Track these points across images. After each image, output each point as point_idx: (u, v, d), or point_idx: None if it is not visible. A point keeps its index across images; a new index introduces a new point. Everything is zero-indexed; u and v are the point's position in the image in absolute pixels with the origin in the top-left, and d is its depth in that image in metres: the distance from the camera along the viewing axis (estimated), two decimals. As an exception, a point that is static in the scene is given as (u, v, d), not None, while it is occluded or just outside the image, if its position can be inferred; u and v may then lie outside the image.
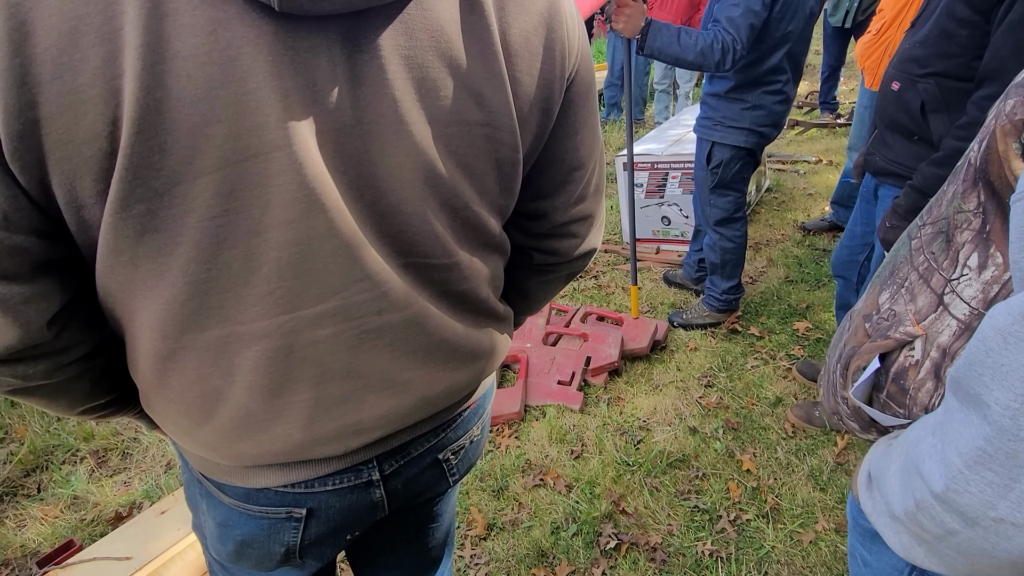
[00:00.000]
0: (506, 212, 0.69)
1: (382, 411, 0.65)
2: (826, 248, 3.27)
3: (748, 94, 2.18)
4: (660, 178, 3.21)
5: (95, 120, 0.44)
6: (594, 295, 3.02)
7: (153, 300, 0.53)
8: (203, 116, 0.45)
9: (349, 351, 0.60)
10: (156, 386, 0.59)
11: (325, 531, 0.73)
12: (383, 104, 0.52)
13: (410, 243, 0.60)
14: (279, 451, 0.63)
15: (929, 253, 0.56)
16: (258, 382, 0.57)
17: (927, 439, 0.46)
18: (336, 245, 0.54)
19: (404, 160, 0.55)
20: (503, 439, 2.10)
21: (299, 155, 0.49)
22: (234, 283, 0.52)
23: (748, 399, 2.22)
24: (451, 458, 0.80)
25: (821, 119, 5.26)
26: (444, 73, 0.54)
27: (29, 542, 1.89)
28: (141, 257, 0.50)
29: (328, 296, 0.56)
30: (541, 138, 0.65)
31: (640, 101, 5.88)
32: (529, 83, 0.60)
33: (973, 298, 0.50)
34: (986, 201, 0.49)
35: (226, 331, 0.54)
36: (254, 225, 0.50)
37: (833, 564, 1.60)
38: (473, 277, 0.67)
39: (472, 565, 1.67)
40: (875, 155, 1.66)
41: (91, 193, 0.47)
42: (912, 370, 0.55)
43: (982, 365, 0.39)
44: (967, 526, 0.42)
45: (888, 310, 0.59)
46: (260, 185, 0.49)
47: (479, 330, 0.72)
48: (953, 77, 1.40)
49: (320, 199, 0.51)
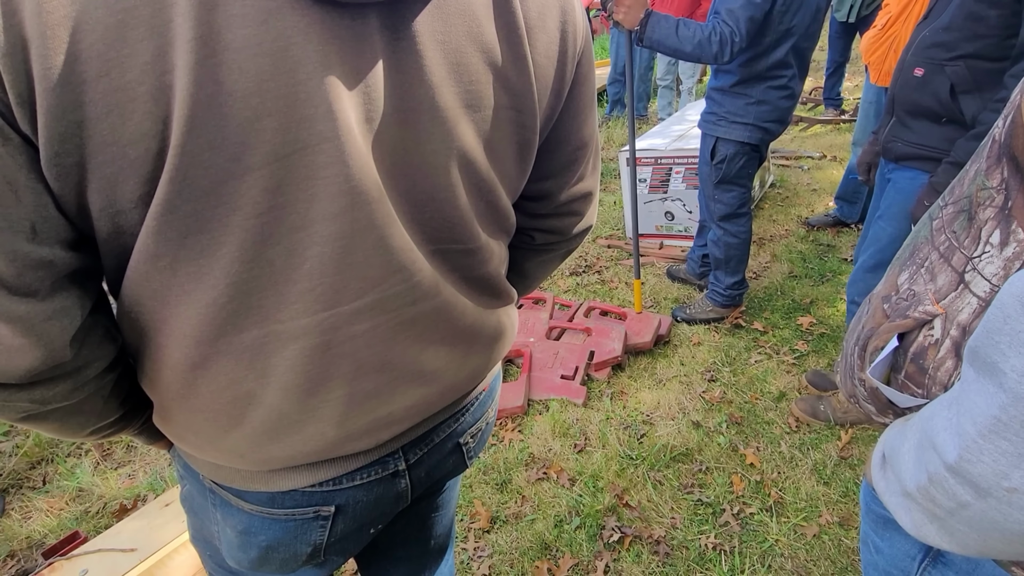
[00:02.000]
0: (518, 192, 0.69)
1: (412, 401, 0.65)
2: (830, 243, 3.26)
3: (752, 89, 2.16)
4: (664, 173, 3.20)
5: (143, 119, 0.41)
6: (597, 290, 3.02)
7: (189, 305, 0.51)
8: (254, 110, 0.43)
9: (384, 344, 0.59)
10: (182, 396, 0.57)
11: (352, 526, 0.72)
12: (420, 91, 0.51)
13: (440, 230, 0.59)
14: (311, 451, 0.62)
15: (950, 232, 0.55)
16: (293, 382, 0.56)
17: (942, 413, 0.45)
18: (377, 237, 0.53)
19: (439, 147, 0.54)
20: (506, 433, 2.10)
21: (346, 146, 0.48)
22: (275, 281, 0.51)
23: (752, 394, 2.22)
24: (470, 441, 0.81)
25: (825, 115, 5.25)
26: (476, 57, 0.54)
27: (35, 534, 1.89)
28: (182, 260, 0.48)
29: (368, 290, 0.55)
30: (551, 119, 0.66)
31: (643, 97, 5.87)
32: (547, 64, 0.60)
33: (994, 275, 0.49)
34: (1009, 177, 0.49)
35: (264, 331, 0.53)
36: (299, 220, 0.49)
37: (837, 557, 1.59)
38: (491, 260, 0.68)
39: (476, 557, 1.67)
40: (895, 142, 1.66)
41: (132, 197, 0.45)
42: (932, 349, 0.55)
43: (1000, 332, 0.39)
44: (979, 498, 0.41)
45: (907, 290, 0.58)
46: (307, 179, 0.47)
47: (495, 312, 0.72)
48: (984, 58, 1.42)
49: (365, 191, 0.50)
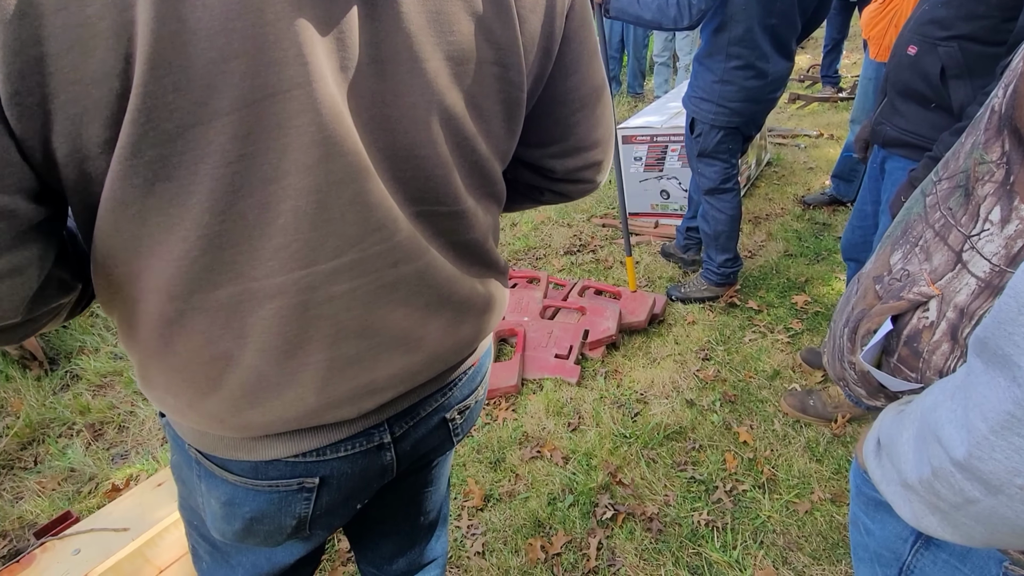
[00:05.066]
0: (507, 157, 0.67)
1: (395, 369, 0.64)
2: (826, 222, 3.24)
3: (717, 64, 2.16)
4: (659, 151, 3.17)
5: (106, 56, 0.40)
6: (592, 269, 3.00)
7: (161, 257, 0.49)
8: (220, 50, 0.42)
9: (365, 307, 0.58)
10: (159, 354, 0.56)
11: (337, 499, 0.71)
12: (398, 40, 0.49)
13: (422, 189, 0.57)
14: (291, 417, 0.60)
15: (946, 209, 0.53)
16: (271, 343, 0.55)
17: (945, 403, 0.44)
18: (354, 192, 0.51)
19: (418, 100, 0.52)
20: (500, 412, 2.10)
21: (319, 94, 0.46)
22: (249, 235, 0.49)
23: (746, 372, 2.22)
24: (456, 417, 0.80)
25: (823, 93, 5.19)
26: (458, 7, 0.52)
27: (27, 514, 1.89)
28: (150, 209, 0.46)
29: (345, 249, 0.53)
30: (542, 78, 0.64)
31: (639, 74, 5.78)
32: (534, 20, 0.58)
33: (995, 254, 0.48)
34: (1011, 150, 0.47)
35: (239, 288, 0.51)
36: (271, 171, 0.47)
37: (828, 533, 1.61)
38: (478, 226, 0.66)
39: (469, 535, 1.67)
40: (885, 124, 1.59)
41: (99, 141, 0.43)
42: (927, 332, 0.53)
43: (1014, 323, 0.37)
44: (990, 494, 0.40)
45: (901, 270, 0.56)
46: (278, 127, 0.45)
47: (483, 282, 0.71)
48: (979, 40, 1.33)
49: (339, 142, 0.48)
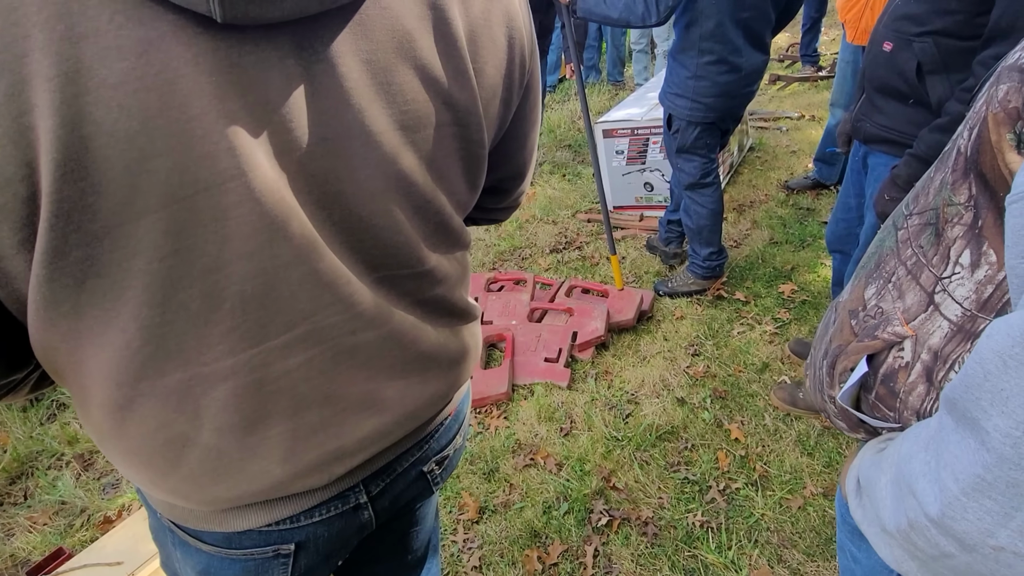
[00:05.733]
0: (469, 208, 0.66)
1: (364, 432, 0.62)
2: (810, 207, 3.24)
3: (690, 60, 2.14)
4: (640, 144, 3.15)
5: (4, 164, 0.38)
6: (578, 267, 2.99)
7: (103, 347, 0.48)
8: (141, 150, 0.40)
9: (323, 375, 0.56)
10: (114, 436, 0.55)
11: (316, 560, 0.70)
12: (347, 116, 0.48)
13: (382, 256, 0.56)
14: (258, 490, 0.59)
15: (917, 247, 0.52)
16: (228, 421, 0.53)
17: (919, 455, 0.43)
18: (304, 272, 0.50)
19: (374, 172, 0.51)
20: (492, 420, 2.09)
21: (256, 184, 0.44)
22: (194, 324, 0.48)
23: (735, 366, 2.22)
24: (435, 468, 0.78)
25: (802, 72, 5.18)
26: (410, 75, 0.50)
27: (19, 551, 1.86)
28: (85, 305, 0.45)
29: (297, 322, 0.52)
30: (501, 130, 0.63)
31: (618, 63, 5.74)
32: (493, 74, 0.57)
33: (966, 299, 0.47)
34: (978, 194, 0.46)
35: (188, 374, 0.50)
36: (211, 262, 0.46)
37: (821, 528, 1.62)
38: (445, 280, 0.65)
39: (465, 549, 1.67)
40: (864, 121, 1.58)
41: (11, 243, 0.42)
42: (902, 372, 0.52)
43: (980, 389, 0.36)
44: (964, 552, 0.40)
45: (875, 307, 0.56)
46: (215, 220, 0.44)
47: (454, 333, 0.69)
48: (953, 35, 1.32)
49: (284, 227, 0.47)
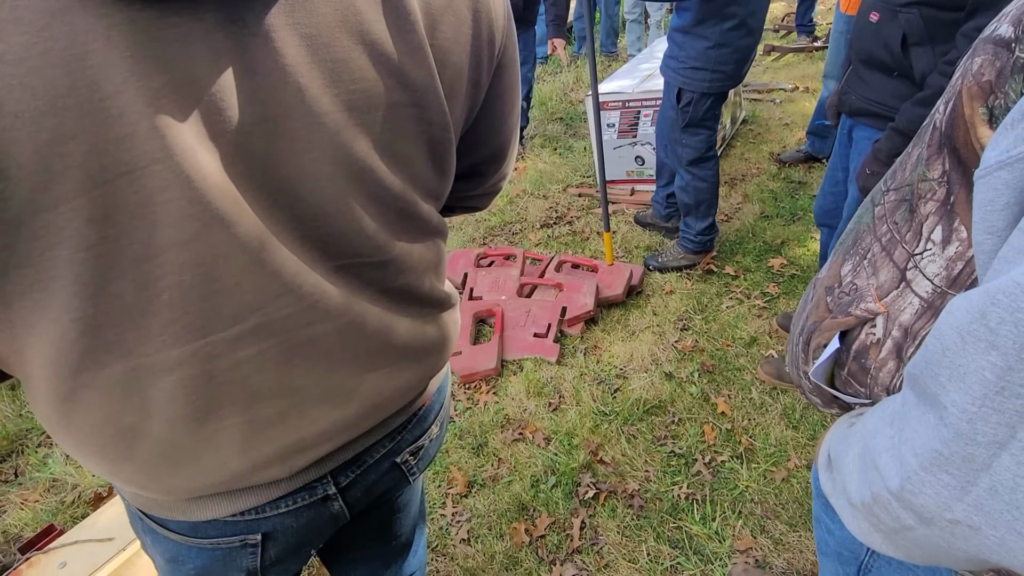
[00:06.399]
0: (442, 195, 0.64)
1: (325, 424, 0.61)
2: (801, 180, 3.22)
3: (711, 30, 2.08)
4: (632, 117, 3.11)
5: None
6: (568, 241, 2.98)
7: (38, 338, 0.46)
8: (51, 132, 0.38)
9: (278, 368, 0.55)
10: (62, 428, 0.54)
11: (287, 549, 0.70)
12: (286, 95, 0.45)
13: (339, 244, 0.54)
14: (217, 481, 0.58)
15: (892, 223, 0.51)
16: (179, 413, 0.52)
17: (884, 430, 0.44)
18: (247, 261, 0.48)
19: (319, 155, 0.49)
20: (481, 396, 2.10)
21: (184, 166, 0.42)
22: (130, 315, 0.46)
23: (723, 340, 2.23)
24: (409, 459, 0.77)
25: (798, 43, 5.11)
26: (357, 51, 0.47)
27: (10, 528, 1.88)
28: (13, 295, 0.43)
29: (245, 315, 0.51)
30: (473, 111, 0.60)
31: (612, 33, 5.64)
32: (457, 51, 0.54)
33: (936, 275, 0.47)
34: (951, 170, 0.45)
35: (130, 365, 0.49)
36: (141, 250, 0.44)
37: (804, 499, 1.65)
38: (413, 269, 0.63)
39: (454, 523, 1.70)
40: (850, 93, 1.57)
41: None
42: (873, 349, 0.52)
43: (939, 364, 0.36)
44: (923, 524, 0.40)
45: (850, 283, 0.55)
46: (141, 205, 0.42)
47: (426, 323, 0.68)
48: (938, 7, 1.32)
49: (219, 213, 0.45)
